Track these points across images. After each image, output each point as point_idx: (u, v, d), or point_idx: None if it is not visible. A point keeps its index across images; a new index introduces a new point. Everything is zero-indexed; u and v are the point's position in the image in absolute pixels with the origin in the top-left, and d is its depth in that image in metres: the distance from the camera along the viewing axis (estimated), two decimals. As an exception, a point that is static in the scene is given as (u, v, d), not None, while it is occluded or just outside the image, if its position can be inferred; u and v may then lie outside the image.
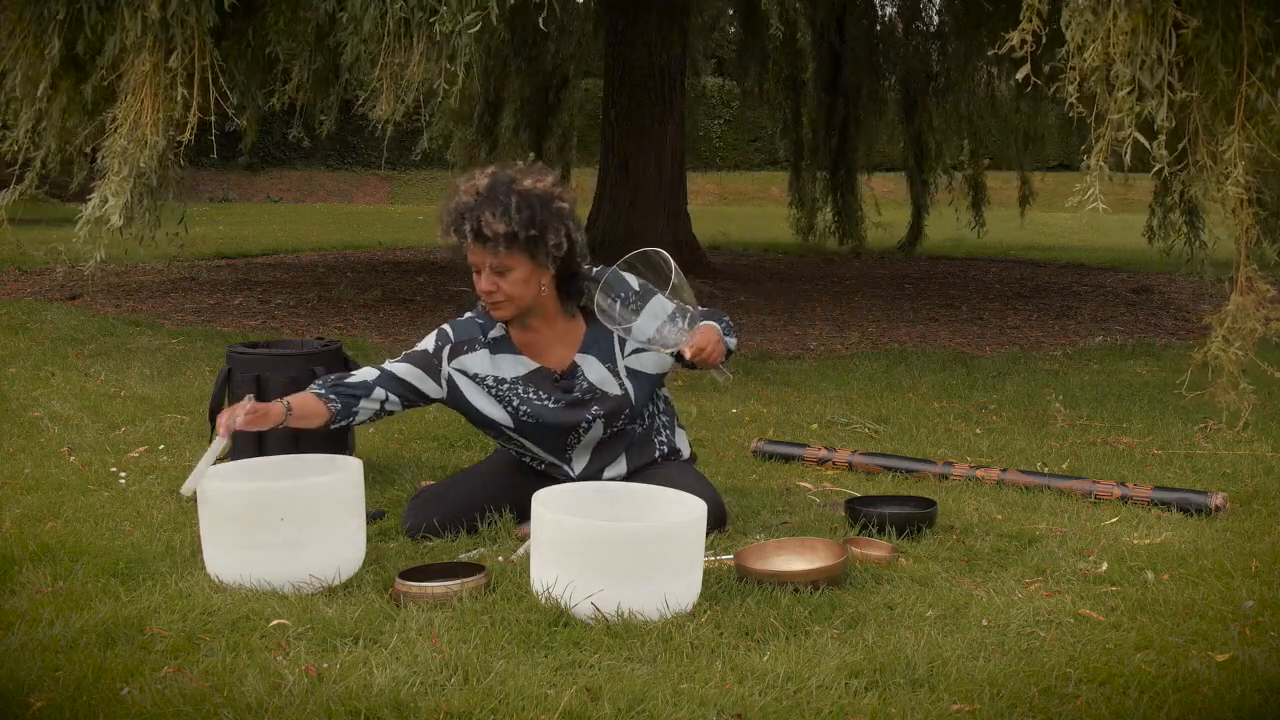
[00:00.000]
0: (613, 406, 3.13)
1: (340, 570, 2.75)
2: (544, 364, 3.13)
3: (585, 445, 3.18)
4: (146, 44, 5.57)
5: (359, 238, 13.97)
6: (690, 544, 2.59)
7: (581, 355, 3.14)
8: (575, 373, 3.13)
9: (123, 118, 5.64)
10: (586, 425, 3.13)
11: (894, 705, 2.13)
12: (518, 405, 3.10)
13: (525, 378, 3.12)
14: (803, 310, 8.36)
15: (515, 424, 3.12)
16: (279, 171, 23.78)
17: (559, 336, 3.15)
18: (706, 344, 2.93)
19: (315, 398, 3.00)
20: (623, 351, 3.16)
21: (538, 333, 3.14)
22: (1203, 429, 4.52)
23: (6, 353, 6.03)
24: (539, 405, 3.10)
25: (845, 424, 4.68)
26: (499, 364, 3.12)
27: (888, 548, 3.00)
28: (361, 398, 3.06)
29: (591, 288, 3.05)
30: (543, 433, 3.13)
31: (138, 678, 2.20)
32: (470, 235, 2.95)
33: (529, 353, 3.14)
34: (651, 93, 9.89)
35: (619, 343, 3.15)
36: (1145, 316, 8.32)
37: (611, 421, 3.15)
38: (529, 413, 3.10)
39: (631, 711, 2.09)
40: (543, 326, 3.14)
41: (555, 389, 3.11)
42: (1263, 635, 2.47)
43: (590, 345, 3.15)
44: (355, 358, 3.87)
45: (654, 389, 3.23)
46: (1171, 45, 3.88)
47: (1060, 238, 15.72)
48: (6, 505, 3.38)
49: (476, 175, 3.03)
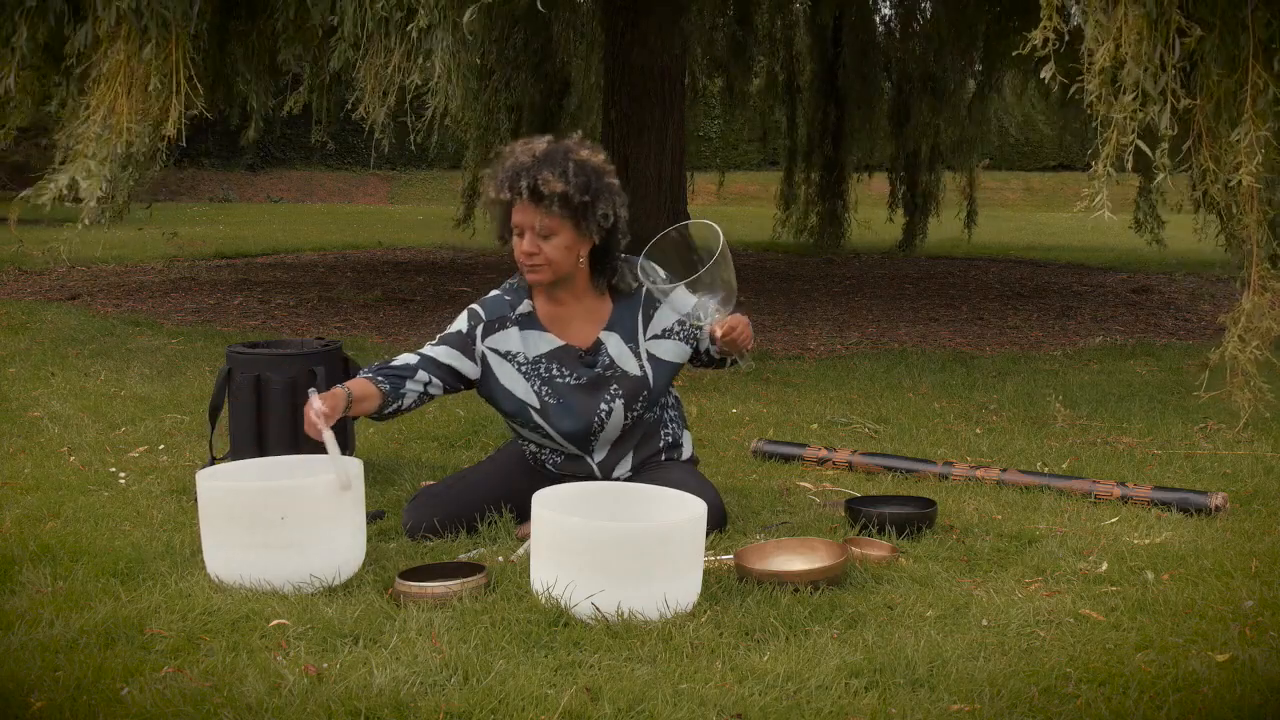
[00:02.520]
0: (631, 387, 3.16)
1: (340, 570, 2.75)
2: (569, 341, 3.17)
3: (608, 433, 3.18)
4: (121, 33, 5.56)
5: (359, 238, 13.98)
6: (690, 544, 2.59)
7: (606, 333, 3.19)
8: (599, 348, 3.17)
9: (96, 104, 5.63)
10: (607, 406, 3.14)
11: (894, 705, 2.13)
12: (540, 386, 3.13)
13: (550, 354, 3.15)
14: (803, 310, 8.36)
15: (540, 404, 3.13)
16: (279, 171, 23.78)
17: (585, 312, 3.20)
18: (739, 323, 2.97)
19: (366, 380, 3.02)
20: (644, 334, 3.21)
21: (565, 306, 3.18)
22: (1203, 429, 4.52)
23: (6, 353, 6.03)
24: (562, 384, 3.13)
25: (845, 424, 4.68)
26: (527, 341, 3.16)
27: (888, 548, 3.00)
28: (407, 379, 3.07)
29: (624, 267, 3.15)
30: (565, 414, 3.14)
31: (138, 678, 2.20)
32: (526, 192, 3.00)
33: (554, 329, 3.18)
34: (651, 93, 9.90)
35: (641, 325, 3.20)
36: (1145, 316, 8.32)
37: (630, 405, 3.17)
38: (551, 393, 3.13)
39: (631, 711, 2.09)
40: (571, 301, 3.18)
41: (579, 365, 3.15)
42: (1263, 635, 2.47)
43: (615, 324, 3.20)
44: (355, 358, 3.86)
45: (671, 379, 3.26)
46: (1175, 50, 3.88)
47: (1060, 238, 15.73)
48: (6, 505, 3.38)
49: (533, 140, 3.10)
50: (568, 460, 3.23)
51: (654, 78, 9.88)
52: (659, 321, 3.23)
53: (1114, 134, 3.91)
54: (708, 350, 3.25)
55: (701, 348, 3.26)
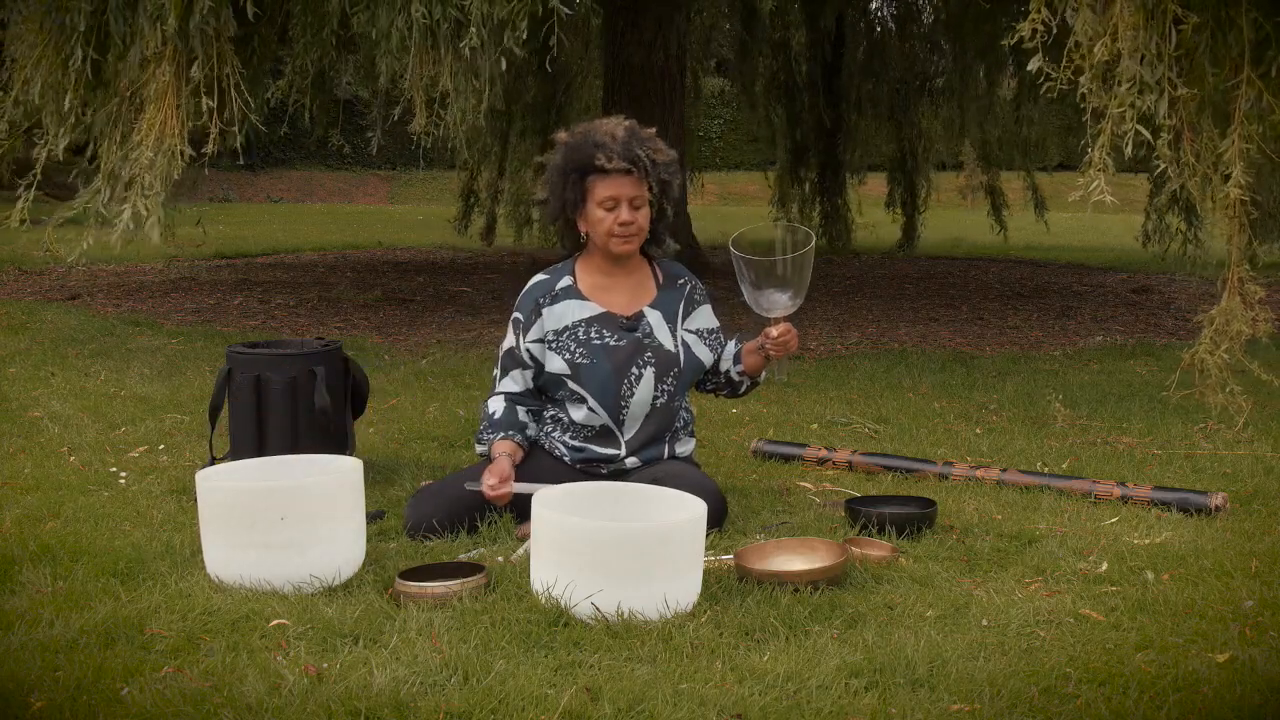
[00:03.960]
0: (665, 360, 3.27)
1: (340, 570, 2.75)
2: (611, 309, 3.29)
3: (639, 404, 3.25)
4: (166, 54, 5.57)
5: (359, 238, 13.97)
6: (690, 544, 2.59)
7: (649, 308, 3.33)
8: (641, 317, 3.30)
9: (147, 128, 5.63)
10: (639, 371, 3.23)
11: (894, 705, 2.13)
12: (574, 349, 3.24)
13: (589, 320, 3.27)
14: (803, 310, 8.33)
15: (572, 369, 3.23)
16: (279, 171, 23.76)
17: (633, 287, 3.34)
18: (792, 329, 3.17)
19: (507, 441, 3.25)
20: (683, 321, 3.35)
21: (614, 278, 3.33)
22: (1203, 429, 4.52)
23: (6, 353, 6.03)
24: (598, 345, 3.23)
25: (845, 424, 4.68)
26: (562, 313, 3.28)
27: (888, 548, 3.00)
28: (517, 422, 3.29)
29: (667, 236, 3.36)
30: (599, 374, 3.22)
31: (138, 678, 2.20)
32: (645, 164, 3.18)
33: (596, 298, 3.30)
34: (651, 93, 9.89)
35: (682, 312, 3.36)
36: (1145, 316, 8.31)
37: (661, 378, 3.25)
38: (585, 353, 3.23)
39: (631, 711, 2.09)
40: (622, 274, 3.33)
41: (619, 329, 3.27)
42: (1263, 635, 2.47)
43: (658, 304, 3.34)
44: (355, 358, 3.86)
45: (695, 375, 3.38)
46: (1171, 40, 3.88)
47: (1060, 238, 15.71)
48: (6, 505, 3.38)
49: (605, 121, 3.26)
50: (596, 439, 3.27)
51: (653, 77, 9.88)
52: (695, 320, 3.37)
53: (1108, 124, 3.90)
54: (727, 372, 3.37)
55: (723, 367, 3.37)
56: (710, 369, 3.40)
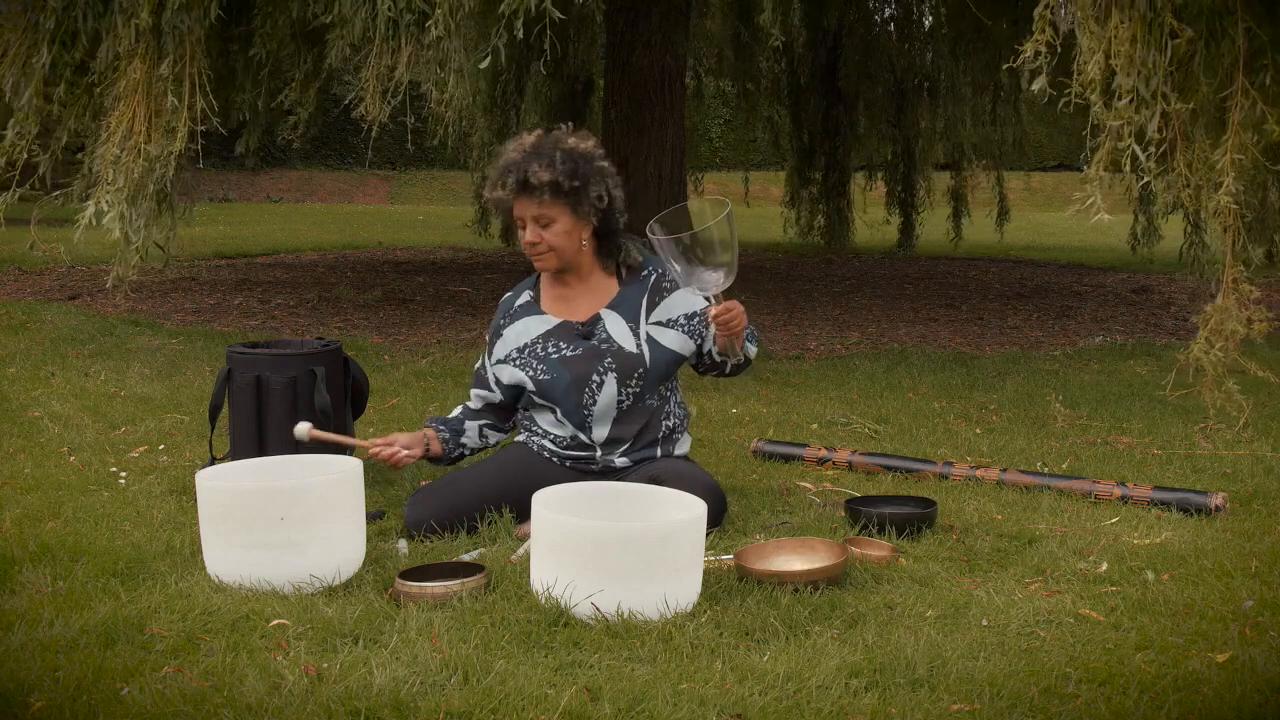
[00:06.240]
0: (626, 363, 3.23)
1: (340, 570, 2.75)
2: (568, 319, 3.28)
3: (603, 409, 3.22)
4: (139, 51, 5.57)
5: (359, 238, 13.97)
6: (690, 544, 2.59)
7: (606, 310, 3.29)
8: (596, 322, 3.27)
9: (115, 126, 5.64)
10: (599, 379, 3.21)
11: (894, 705, 2.13)
12: (535, 365, 3.25)
13: (546, 334, 3.27)
14: (803, 310, 8.36)
15: (536, 385, 3.25)
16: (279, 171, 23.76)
17: (591, 292, 3.33)
18: (734, 306, 3.01)
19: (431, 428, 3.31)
20: (646, 318, 3.28)
21: (571, 288, 3.32)
22: (1203, 429, 4.52)
23: (6, 353, 6.03)
24: (556, 357, 3.23)
25: (845, 424, 4.68)
26: (522, 330, 3.30)
27: (888, 548, 3.00)
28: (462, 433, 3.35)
29: (629, 244, 3.32)
30: (558, 387, 3.22)
31: (138, 678, 2.20)
32: (517, 186, 3.15)
33: (555, 310, 3.31)
34: (651, 93, 9.89)
35: (645, 309, 3.29)
36: (1145, 316, 8.32)
37: (624, 381, 3.22)
38: (545, 369, 3.23)
39: (631, 711, 2.09)
40: (577, 283, 3.32)
41: (575, 338, 3.25)
42: (1263, 635, 2.47)
43: (617, 304, 3.30)
44: (355, 358, 3.86)
45: (670, 368, 3.30)
46: (1167, 53, 3.88)
47: (1060, 238, 15.72)
48: (6, 505, 3.38)
49: (524, 136, 3.25)
50: (573, 446, 3.27)
51: (654, 78, 9.88)
52: (665, 310, 3.30)
53: (1106, 139, 3.91)
54: (710, 352, 3.30)
55: (705, 347, 3.31)
56: (698, 352, 3.33)
